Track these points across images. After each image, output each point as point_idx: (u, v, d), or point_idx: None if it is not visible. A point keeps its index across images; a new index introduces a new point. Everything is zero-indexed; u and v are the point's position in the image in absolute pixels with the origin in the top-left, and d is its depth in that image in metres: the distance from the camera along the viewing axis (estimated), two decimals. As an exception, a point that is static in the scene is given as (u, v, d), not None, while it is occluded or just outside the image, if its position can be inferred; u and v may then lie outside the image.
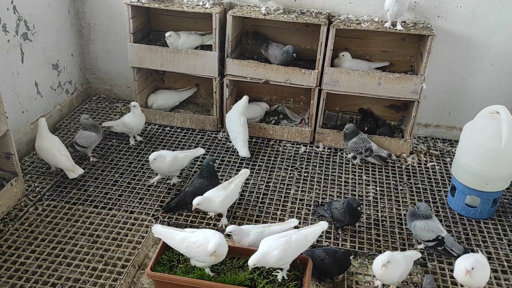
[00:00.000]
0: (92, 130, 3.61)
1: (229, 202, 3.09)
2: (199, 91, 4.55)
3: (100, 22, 4.41)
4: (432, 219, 2.93)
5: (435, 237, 2.87)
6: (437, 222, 2.94)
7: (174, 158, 3.36)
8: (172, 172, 3.42)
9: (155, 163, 3.31)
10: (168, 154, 3.36)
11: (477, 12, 3.77)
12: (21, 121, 3.77)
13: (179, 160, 3.39)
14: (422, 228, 2.90)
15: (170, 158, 3.34)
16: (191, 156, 3.51)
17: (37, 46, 3.87)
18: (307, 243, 2.52)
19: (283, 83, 3.93)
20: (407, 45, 4.01)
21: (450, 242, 2.88)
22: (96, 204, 3.24)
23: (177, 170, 3.43)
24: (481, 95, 4.07)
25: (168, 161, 3.33)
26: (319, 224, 2.62)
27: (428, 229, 2.88)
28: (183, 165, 3.45)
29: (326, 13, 3.91)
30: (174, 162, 3.36)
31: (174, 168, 3.38)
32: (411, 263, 2.67)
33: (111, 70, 4.64)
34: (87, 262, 2.75)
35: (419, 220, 2.92)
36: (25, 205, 3.19)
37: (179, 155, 3.41)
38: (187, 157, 3.47)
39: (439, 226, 2.92)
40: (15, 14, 3.55)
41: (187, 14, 4.15)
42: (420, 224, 2.91)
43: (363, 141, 3.77)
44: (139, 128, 3.94)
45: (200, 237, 2.44)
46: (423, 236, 2.90)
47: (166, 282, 2.46)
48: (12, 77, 3.61)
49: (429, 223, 2.89)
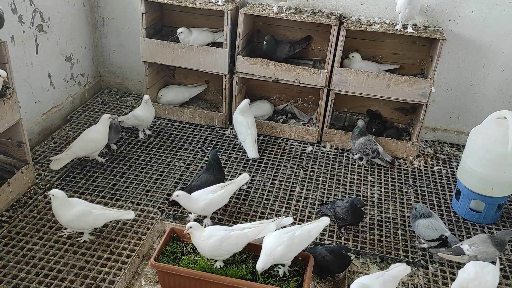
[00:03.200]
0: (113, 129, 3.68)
1: (213, 207, 2.99)
2: (209, 87, 4.59)
3: (114, 16, 4.48)
4: (435, 218, 2.93)
5: (438, 236, 2.86)
6: (440, 221, 2.95)
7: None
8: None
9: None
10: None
11: (489, 17, 3.76)
12: (33, 111, 3.84)
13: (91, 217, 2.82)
14: (425, 226, 2.89)
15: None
16: (116, 217, 2.92)
17: (52, 38, 3.94)
18: (310, 238, 2.55)
19: (292, 82, 3.95)
20: (418, 48, 4.01)
21: (454, 242, 2.87)
22: (104, 195, 3.30)
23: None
24: (491, 101, 4.06)
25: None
26: (321, 220, 2.64)
27: (431, 227, 2.88)
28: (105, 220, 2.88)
29: (338, 14, 3.93)
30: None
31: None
32: (395, 283, 2.51)
33: (123, 64, 4.70)
34: (93, 251, 2.80)
35: (422, 218, 2.93)
36: (34, 193, 3.25)
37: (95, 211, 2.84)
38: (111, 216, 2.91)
39: (443, 226, 2.92)
40: (31, 5, 3.62)
41: (199, 10, 4.20)
42: (424, 222, 2.90)
43: (370, 142, 3.78)
44: (149, 121, 3.98)
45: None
46: (426, 235, 2.90)
47: (169, 273, 2.50)
48: (26, 68, 3.68)
49: (432, 222, 2.89)
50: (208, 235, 2.50)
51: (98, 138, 3.51)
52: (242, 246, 2.55)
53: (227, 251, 2.51)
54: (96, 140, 3.50)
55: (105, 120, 3.55)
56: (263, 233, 2.55)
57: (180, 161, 3.75)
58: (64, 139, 3.90)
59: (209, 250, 2.49)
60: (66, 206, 2.77)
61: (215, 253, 2.50)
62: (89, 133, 3.52)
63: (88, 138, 3.49)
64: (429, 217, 2.93)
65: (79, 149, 3.45)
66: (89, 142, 3.49)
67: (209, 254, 2.52)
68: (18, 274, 2.61)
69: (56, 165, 3.42)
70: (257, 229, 2.55)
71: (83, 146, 3.46)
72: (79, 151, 3.46)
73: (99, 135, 3.51)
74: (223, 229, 2.55)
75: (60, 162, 3.42)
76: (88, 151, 3.50)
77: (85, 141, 3.48)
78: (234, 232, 2.53)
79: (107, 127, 3.56)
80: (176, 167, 3.67)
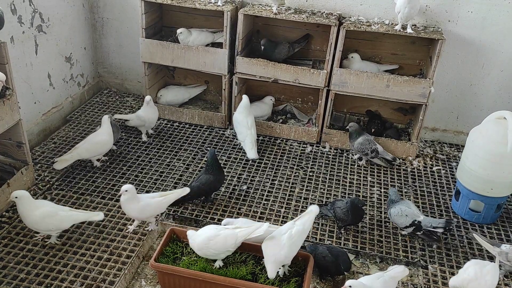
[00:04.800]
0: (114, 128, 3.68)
1: (146, 213, 2.88)
2: (208, 88, 4.60)
3: (113, 16, 4.48)
4: (405, 204, 2.98)
5: (411, 222, 2.91)
6: (412, 207, 2.99)
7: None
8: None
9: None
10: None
11: (488, 18, 3.77)
12: (33, 112, 3.84)
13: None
14: (395, 214, 2.96)
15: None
16: (85, 218, 2.88)
17: (51, 39, 3.94)
18: (306, 232, 2.54)
19: (292, 82, 3.96)
20: (417, 48, 4.02)
21: (428, 222, 2.90)
22: (104, 195, 3.30)
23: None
24: (490, 101, 4.07)
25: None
26: (310, 211, 2.58)
27: (401, 214, 2.92)
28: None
29: (337, 14, 3.93)
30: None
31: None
32: (394, 284, 2.52)
33: (123, 64, 4.70)
34: (93, 251, 2.80)
35: (393, 207, 2.99)
36: (34, 193, 3.25)
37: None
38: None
39: (414, 211, 2.95)
40: (30, 6, 3.62)
41: (199, 11, 4.20)
42: (394, 211, 2.97)
43: (369, 142, 3.79)
44: (151, 122, 3.96)
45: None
46: (400, 223, 2.96)
47: (169, 273, 2.51)
48: (26, 68, 3.68)
49: (402, 208, 2.93)
50: (199, 233, 2.54)
51: (104, 139, 3.52)
52: (233, 246, 2.52)
53: (215, 249, 2.50)
54: (102, 142, 3.52)
55: (106, 121, 3.57)
56: (255, 233, 2.54)
57: (180, 161, 3.75)
58: (63, 140, 3.90)
59: (198, 249, 2.53)
60: (32, 208, 2.72)
61: (204, 251, 2.52)
62: (96, 136, 3.54)
63: (95, 140, 3.50)
64: (398, 203, 2.99)
65: (85, 151, 3.46)
66: (96, 144, 3.50)
67: (198, 252, 2.55)
68: (19, 275, 2.61)
69: (59, 165, 3.42)
70: (248, 230, 2.54)
71: (90, 148, 3.47)
72: (84, 153, 3.47)
73: (105, 137, 3.53)
74: (214, 228, 2.56)
75: (63, 163, 3.43)
76: (93, 153, 3.51)
77: (91, 143, 3.48)
78: (223, 231, 2.53)
79: (110, 126, 3.57)
80: (175, 167, 3.67)
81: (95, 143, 3.49)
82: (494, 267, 2.58)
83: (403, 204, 2.99)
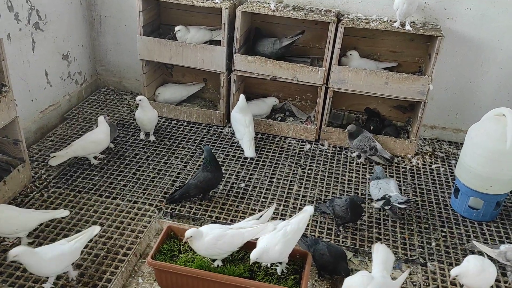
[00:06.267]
0: (111, 127, 3.68)
1: (64, 264, 2.48)
2: (207, 86, 4.58)
3: (111, 14, 4.46)
4: (386, 180, 3.12)
5: (382, 195, 3.03)
6: (391, 184, 3.11)
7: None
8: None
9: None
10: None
11: (487, 15, 3.76)
12: (30, 109, 3.82)
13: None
14: (373, 186, 3.14)
15: None
16: (49, 217, 2.83)
17: (48, 36, 3.92)
18: (300, 231, 2.53)
19: (290, 80, 3.94)
20: (416, 45, 4.01)
21: (396, 198, 3.01)
22: (101, 193, 3.28)
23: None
24: (489, 98, 4.06)
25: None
26: (305, 210, 2.58)
27: (377, 187, 3.07)
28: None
29: (335, 12, 3.91)
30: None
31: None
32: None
33: (121, 62, 4.68)
34: (90, 249, 2.79)
35: (373, 180, 3.16)
36: (31, 191, 3.23)
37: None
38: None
39: (392, 188, 3.08)
40: (27, 3, 3.60)
41: (197, 8, 4.18)
42: (373, 183, 3.14)
43: (367, 139, 3.78)
44: (146, 123, 3.87)
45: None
46: (373, 195, 3.13)
47: (166, 271, 2.49)
48: (23, 66, 3.66)
49: (380, 182, 3.09)
50: (204, 233, 2.49)
51: (100, 138, 3.53)
52: (238, 245, 2.52)
53: (223, 249, 2.49)
54: (98, 140, 3.52)
55: (102, 121, 3.57)
56: (262, 234, 2.53)
57: (178, 159, 3.73)
58: (61, 138, 3.89)
59: (205, 249, 2.47)
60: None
61: (211, 251, 2.48)
62: (92, 134, 3.54)
63: (90, 138, 3.50)
64: (382, 179, 3.14)
65: (80, 148, 3.45)
66: (91, 142, 3.49)
67: (205, 252, 2.50)
68: (14, 273, 2.59)
69: (54, 161, 3.40)
70: (255, 229, 2.53)
71: (85, 145, 3.46)
72: (80, 150, 3.46)
73: (101, 135, 3.53)
74: (219, 228, 2.53)
75: (58, 159, 3.41)
76: (88, 151, 3.50)
77: (87, 141, 3.48)
78: (230, 231, 2.52)
79: (107, 126, 3.56)
80: (173, 165, 3.65)
81: (90, 141, 3.49)
82: (491, 263, 2.62)
83: (384, 180, 3.15)
